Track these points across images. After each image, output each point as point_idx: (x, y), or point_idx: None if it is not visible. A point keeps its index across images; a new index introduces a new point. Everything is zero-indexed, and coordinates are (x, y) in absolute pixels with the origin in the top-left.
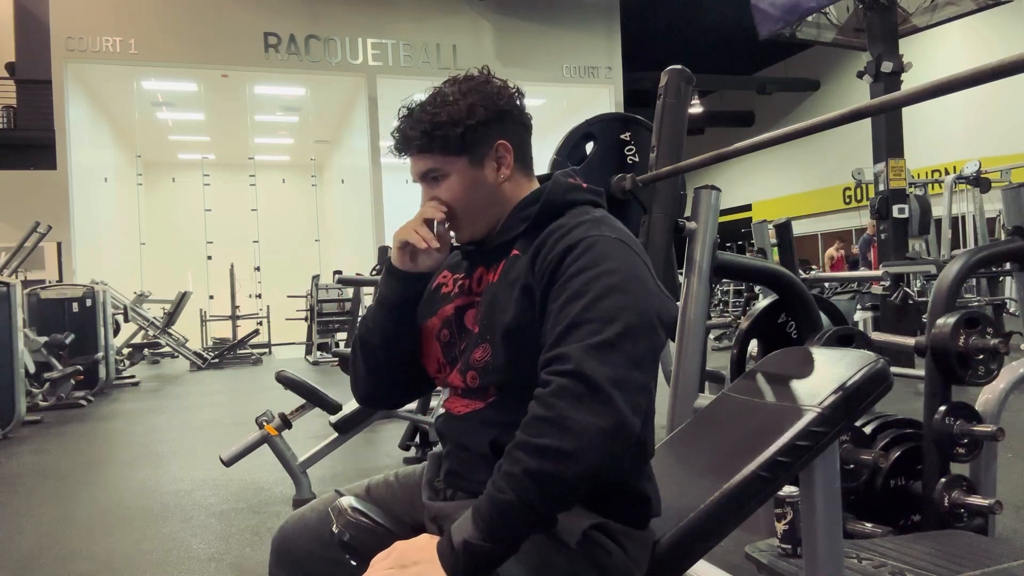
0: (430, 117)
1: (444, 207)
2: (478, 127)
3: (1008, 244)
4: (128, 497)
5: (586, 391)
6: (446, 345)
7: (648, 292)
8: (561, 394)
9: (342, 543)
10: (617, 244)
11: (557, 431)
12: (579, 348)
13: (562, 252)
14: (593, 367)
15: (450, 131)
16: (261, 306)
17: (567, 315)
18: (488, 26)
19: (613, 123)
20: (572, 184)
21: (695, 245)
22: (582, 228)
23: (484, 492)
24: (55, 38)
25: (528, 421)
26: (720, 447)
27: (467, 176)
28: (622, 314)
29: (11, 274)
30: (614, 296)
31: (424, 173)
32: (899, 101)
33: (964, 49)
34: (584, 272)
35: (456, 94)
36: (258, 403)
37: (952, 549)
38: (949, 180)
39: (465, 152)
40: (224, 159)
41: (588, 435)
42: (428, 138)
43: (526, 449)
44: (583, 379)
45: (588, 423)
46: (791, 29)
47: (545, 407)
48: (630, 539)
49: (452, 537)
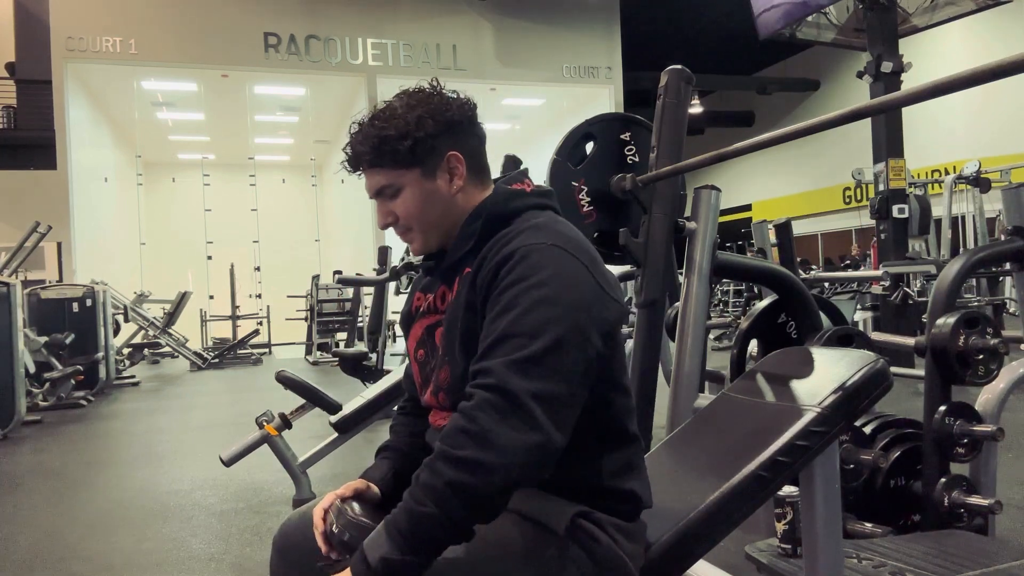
0: (378, 131)
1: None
2: (427, 139)
3: (1008, 244)
4: (128, 497)
5: (508, 406)
6: (422, 364)
7: (581, 301)
8: (484, 407)
9: (342, 543)
10: (552, 252)
11: (478, 444)
12: (503, 363)
13: (497, 264)
14: (516, 382)
15: (399, 144)
16: (261, 306)
17: (495, 329)
18: (488, 26)
19: (613, 123)
20: (513, 191)
21: (695, 245)
22: (519, 238)
23: (399, 506)
24: (55, 38)
25: (449, 432)
26: (720, 447)
27: (420, 188)
28: (549, 327)
29: (11, 274)
30: (542, 309)
31: (379, 190)
32: (899, 101)
33: (964, 49)
34: (515, 285)
35: (404, 107)
36: (258, 403)
37: (952, 549)
38: (949, 180)
39: (416, 164)
40: (224, 159)
41: (509, 450)
42: (377, 153)
43: (447, 460)
44: (505, 394)
45: (510, 437)
46: (791, 29)
47: (467, 420)
48: (619, 530)
49: (367, 555)
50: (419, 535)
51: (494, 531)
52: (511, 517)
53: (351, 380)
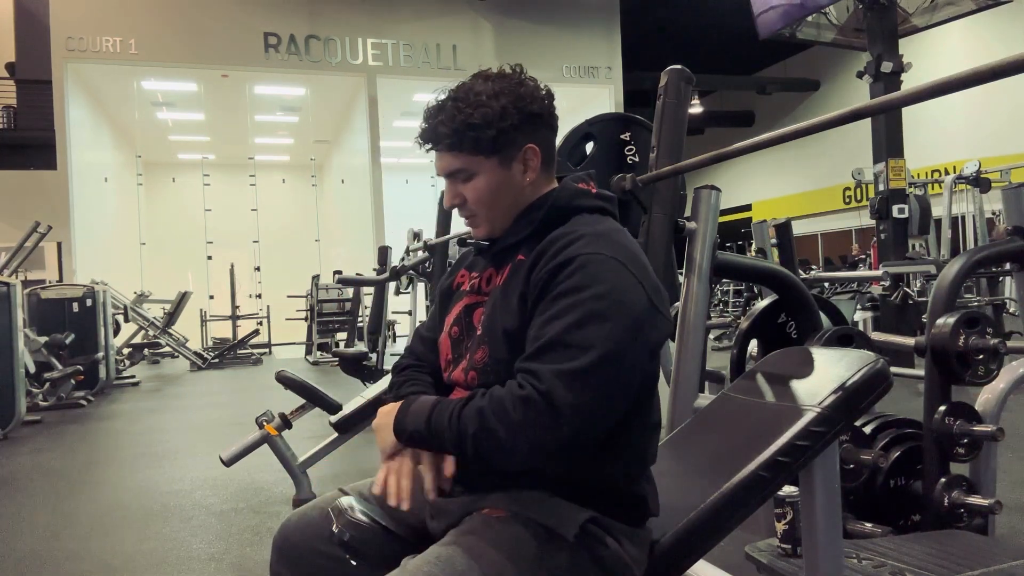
0: (464, 117)
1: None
2: (509, 130)
3: (1008, 244)
4: (128, 497)
5: (547, 412)
6: (455, 342)
7: (633, 319)
8: (528, 404)
9: (342, 543)
10: (612, 264)
11: (509, 432)
12: (552, 371)
13: (556, 267)
14: (561, 393)
15: (482, 133)
16: (261, 306)
17: (547, 333)
18: (488, 26)
19: (613, 123)
20: (579, 190)
21: (695, 245)
22: (580, 243)
23: (446, 411)
24: (55, 38)
25: (498, 399)
26: (720, 447)
27: (495, 177)
28: (600, 343)
29: (11, 274)
30: (595, 324)
31: (452, 172)
32: (899, 101)
33: (964, 49)
34: (571, 293)
35: (489, 94)
36: (258, 403)
37: (952, 549)
38: (949, 180)
39: (495, 153)
40: (224, 159)
41: (531, 447)
42: (459, 137)
43: (481, 418)
44: (549, 402)
45: (535, 438)
46: (791, 29)
47: (511, 404)
48: (626, 536)
49: (406, 423)
50: (435, 438)
51: (505, 536)
52: (522, 522)
53: (351, 380)
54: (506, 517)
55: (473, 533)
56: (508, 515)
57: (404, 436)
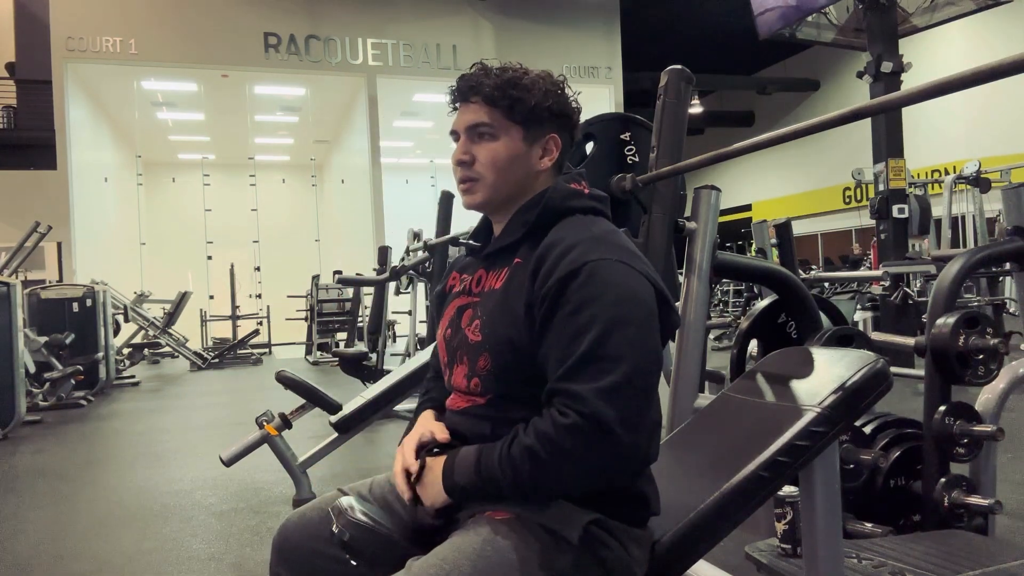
0: (511, 76)
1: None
2: (545, 111)
3: (1008, 244)
4: (128, 497)
5: (598, 434)
6: (447, 342)
7: (651, 318)
8: (578, 432)
9: (342, 543)
10: (619, 268)
11: (567, 462)
12: (592, 390)
13: (564, 279)
14: (606, 412)
15: (525, 96)
16: (261, 306)
17: (576, 350)
18: (488, 26)
19: (613, 123)
20: (573, 190)
21: (695, 245)
22: (581, 249)
23: (494, 455)
24: (55, 38)
25: (545, 434)
26: (720, 447)
27: (516, 146)
28: (630, 351)
29: (11, 274)
30: (620, 331)
31: (475, 124)
32: (899, 101)
33: (964, 49)
34: (589, 305)
35: (536, 77)
36: (258, 403)
37: (952, 549)
38: (949, 180)
39: (523, 124)
40: (224, 159)
41: (594, 471)
42: (501, 92)
43: (533, 457)
44: (597, 423)
45: (596, 463)
46: (791, 29)
47: (562, 437)
48: (629, 536)
49: (456, 478)
50: (489, 487)
51: (510, 539)
52: (528, 525)
53: (351, 380)
54: (510, 519)
55: (477, 536)
56: (512, 517)
57: (456, 492)
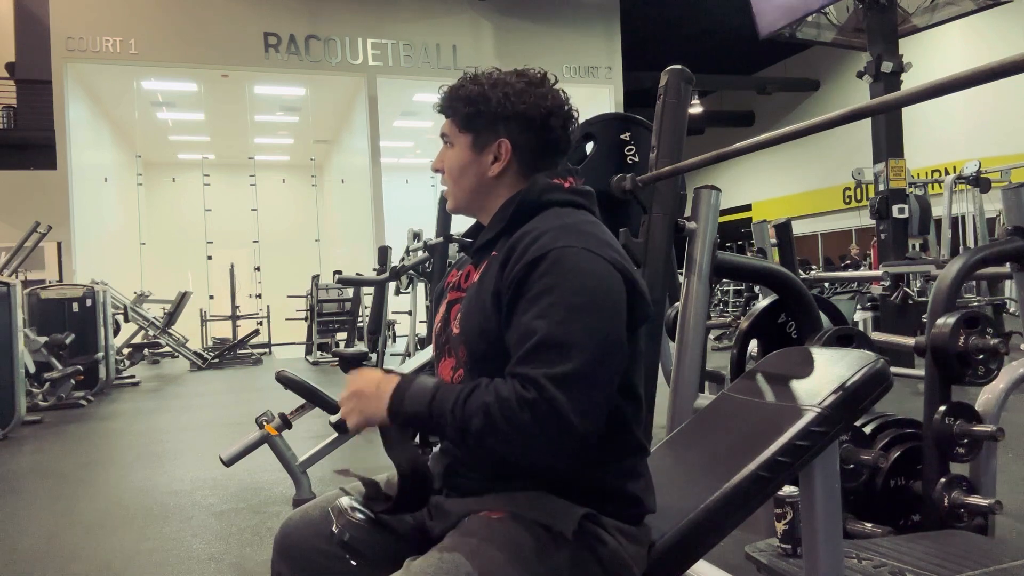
0: (459, 87)
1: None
2: (483, 116)
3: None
4: (128, 497)
5: (554, 417)
6: (437, 337)
7: (614, 308)
8: (534, 408)
9: (342, 543)
10: (584, 256)
11: (519, 433)
12: (548, 377)
13: (528, 264)
14: (563, 400)
15: (463, 106)
16: (261, 306)
17: (533, 333)
18: (488, 26)
19: (613, 123)
20: (550, 184)
21: (695, 245)
22: (549, 236)
23: (449, 399)
24: (55, 38)
25: (504, 399)
26: (720, 447)
27: (465, 154)
28: (588, 340)
29: (11, 274)
30: (580, 318)
31: (442, 134)
32: (899, 101)
33: (964, 49)
34: (551, 291)
35: (494, 82)
36: (258, 403)
37: (952, 549)
38: (949, 180)
39: (469, 131)
40: (224, 159)
41: (543, 450)
42: (447, 103)
43: (487, 415)
44: (553, 408)
45: (548, 443)
46: (791, 29)
47: (520, 408)
48: (624, 533)
49: (404, 404)
50: (436, 425)
51: (505, 537)
52: (521, 520)
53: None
54: (505, 518)
55: (473, 535)
56: (507, 516)
57: (399, 417)
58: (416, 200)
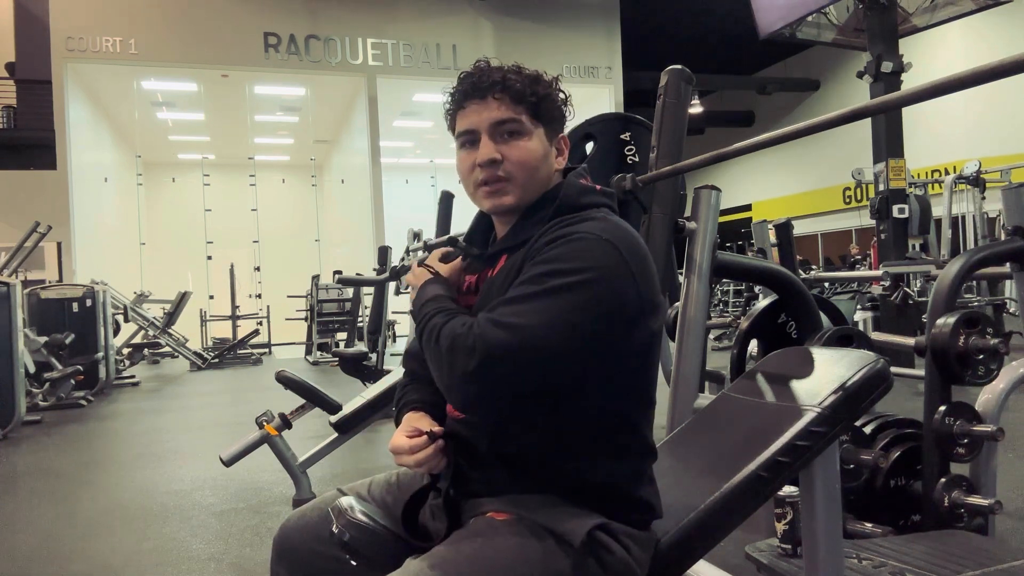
0: (535, 75)
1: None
2: (560, 111)
3: (1008, 244)
4: (128, 497)
5: (466, 348)
6: None
7: (610, 308)
8: (455, 339)
9: (342, 543)
10: (602, 245)
11: (437, 360)
12: (488, 319)
13: (550, 240)
14: (489, 334)
15: (548, 94)
16: (261, 306)
17: (512, 293)
18: (488, 26)
19: (613, 123)
20: (584, 187)
21: (695, 245)
22: (581, 225)
23: (433, 306)
24: (55, 38)
25: (449, 329)
26: (720, 447)
27: (542, 145)
28: (550, 317)
29: (11, 274)
30: (559, 296)
31: (503, 121)
32: (899, 101)
33: (964, 49)
34: (550, 263)
35: (549, 78)
36: (258, 403)
37: (952, 549)
38: (949, 180)
39: (543, 124)
40: (224, 159)
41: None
42: (530, 90)
43: (436, 336)
44: (474, 342)
45: (446, 371)
46: (791, 29)
47: (447, 335)
48: (632, 539)
49: (419, 294)
50: (417, 321)
51: (509, 540)
52: (529, 526)
53: (351, 380)
54: (510, 520)
55: (477, 536)
56: (513, 518)
57: (412, 304)
58: (416, 200)
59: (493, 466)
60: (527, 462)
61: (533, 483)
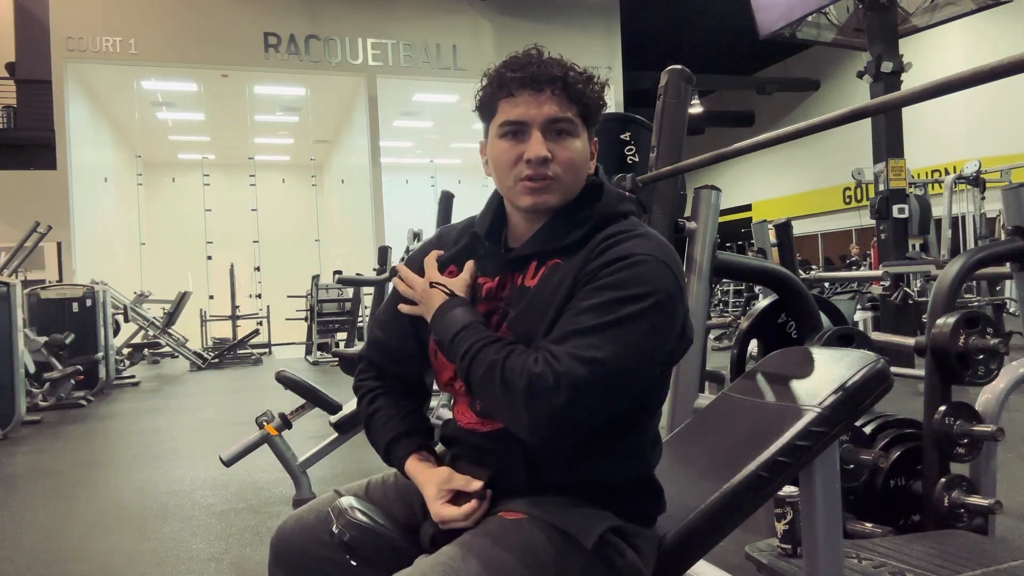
0: (589, 76)
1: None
2: (598, 112)
3: (1008, 244)
4: (128, 497)
5: (553, 388)
6: None
7: (667, 331)
8: (534, 382)
9: (342, 543)
10: (660, 267)
11: (504, 402)
12: (570, 354)
13: (608, 261)
14: (575, 372)
15: (600, 98)
16: (261, 306)
17: (580, 322)
18: (488, 26)
19: (613, 123)
20: (620, 195)
21: (695, 245)
22: (633, 242)
23: (469, 335)
24: (55, 38)
25: (512, 367)
26: (720, 447)
27: (585, 147)
28: (627, 344)
29: (11, 274)
30: (632, 325)
31: (556, 119)
32: (899, 101)
33: (964, 49)
34: (615, 288)
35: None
36: (258, 403)
37: (952, 549)
38: (949, 180)
39: (588, 125)
40: (224, 159)
41: (513, 422)
42: (587, 90)
43: (490, 373)
44: (558, 380)
45: (522, 416)
46: (791, 29)
47: (521, 376)
48: (642, 539)
49: (438, 327)
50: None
51: (520, 540)
52: (540, 526)
53: (351, 380)
54: (522, 520)
55: (488, 535)
56: (524, 518)
57: (434, 332)
58: (416, 200)
59: (514, 471)
60: (549, 466)
61: (549, 484)
